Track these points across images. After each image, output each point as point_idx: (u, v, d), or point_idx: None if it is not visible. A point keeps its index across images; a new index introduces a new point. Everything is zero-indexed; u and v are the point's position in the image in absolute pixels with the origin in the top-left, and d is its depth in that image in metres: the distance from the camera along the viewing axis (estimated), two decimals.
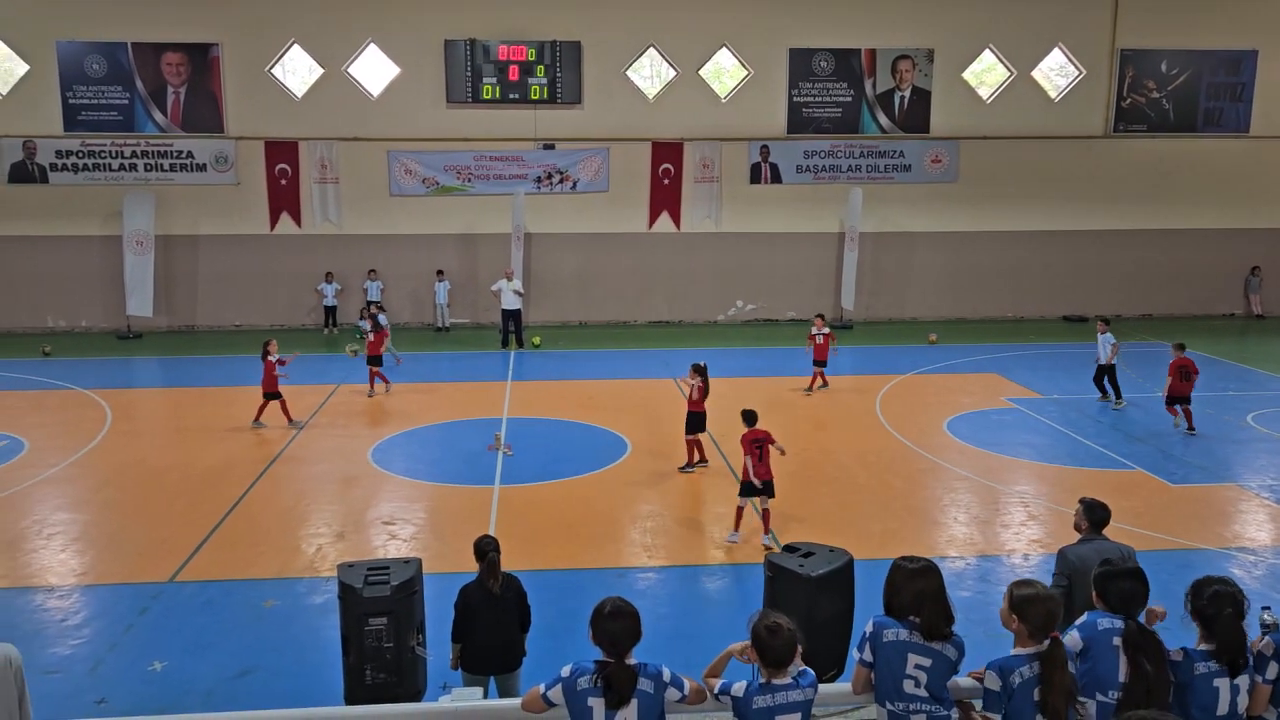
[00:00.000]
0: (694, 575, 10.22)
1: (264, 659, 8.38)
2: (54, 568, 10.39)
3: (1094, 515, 6.72)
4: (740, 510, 11.02)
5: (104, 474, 13.45)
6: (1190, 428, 15.05)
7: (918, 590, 4.65)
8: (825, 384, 18.07)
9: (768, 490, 10.77)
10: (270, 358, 15.46)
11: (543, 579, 9.59)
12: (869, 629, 4.71)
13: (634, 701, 4.35)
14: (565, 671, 4.44)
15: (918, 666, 4.56)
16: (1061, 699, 4.26)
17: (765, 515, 10.86)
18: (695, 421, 13.49)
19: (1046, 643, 4.37)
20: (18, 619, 9.12)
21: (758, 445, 10.76)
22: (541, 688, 4.47)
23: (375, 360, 17.61)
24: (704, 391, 13.42)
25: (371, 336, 17.83)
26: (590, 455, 14.12)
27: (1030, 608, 4.40)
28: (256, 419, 15.57)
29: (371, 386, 17.70)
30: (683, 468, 13.47)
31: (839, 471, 13.46)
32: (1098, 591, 4.61)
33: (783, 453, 11.08)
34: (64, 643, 8.67)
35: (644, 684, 4.39)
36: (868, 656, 4.67)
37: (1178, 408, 15.21)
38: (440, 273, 24.23)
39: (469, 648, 6.70)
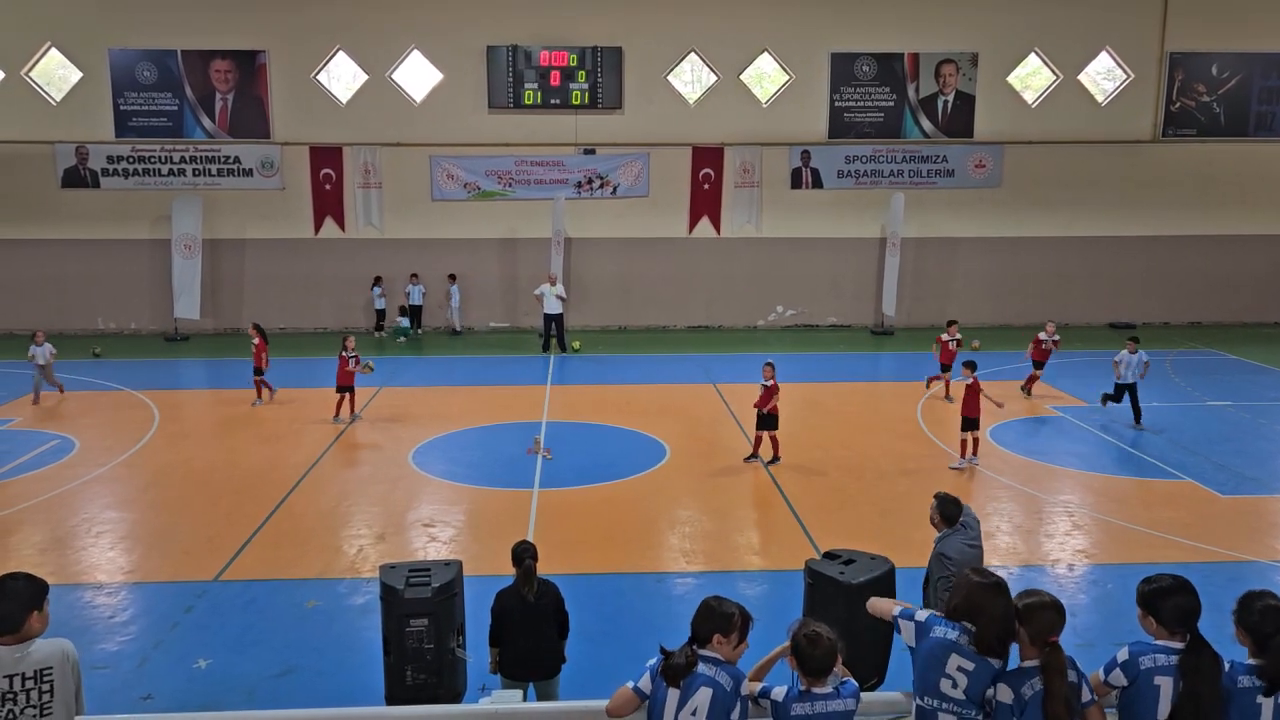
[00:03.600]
0: (732, 581, 10.17)
1: (306, 658, 8.47)
2: (102, 565, 10.59)
3: (948, 510, 7.15)
4: (964, 442, 13.75)
5: (151, 473, 13.68)
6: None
7: (976, 605, 4.57)
8: (946, 392, 17.83)
9: (972, 426, 13.70)
10: (345, 353, 16.04)
11: (581, 583, 9.61)
12: (921, 617, 4.66)
13: (708, 691, 4.35)
14: (651, 662, 4.52)
15: (959, 669, 4.51)
16: (1061, 706, 4.20)
17: (975, 443, 13.74)
18: (759, 419, 13.88)
19: (1046, 650, 4.33)
20: (67, 615, 9.29)
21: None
22: (630, 684, 4.52)
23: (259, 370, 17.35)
24: (767, 390, 13.70)
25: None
26: (629, 460, 14.13)
27: (1034, 615, 4.37)
28: (336, 415, 16.19)
29: (259, 394, 17.46)
30: (749, 459, 14.01)
31: (880, 478, 13.35)
32: (1150, 611, 4.47)
33: (999, 404, 14.21)
34: (111, 639, 8.83)
35: (721, 676, 4.39)
36: (912, 643, 4.65)
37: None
38: (452, 276, 24.43)
39: (506, 653, 6.73)
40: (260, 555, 10.79)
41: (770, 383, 13.72)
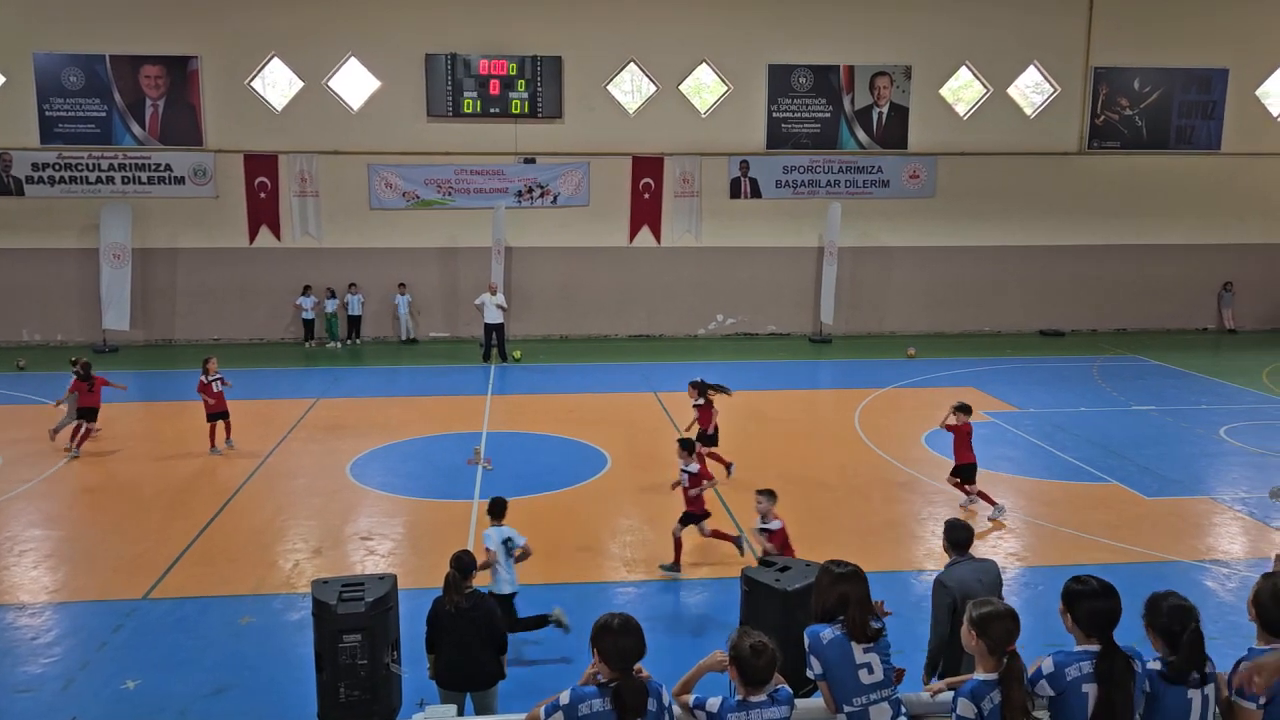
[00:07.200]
0: (673, 589, 10.23)
1: (239, 676, 8.31)
2: (26, 585, 10.27)
3: (956, 536, 6.69)
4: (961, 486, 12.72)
5: (78, 490, 13.32)
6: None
7: (842, 594, 4.73)
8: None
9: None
10: (206, 379, 14.75)
11: (522, 595, 9.56)
12: (806, 642, 4.71)
13: None
14: (564, 699, 4.26)
15: (866, 651, 4.64)
16: (1019, 715, 4.26)
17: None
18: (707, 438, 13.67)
19: (1005, 660, 4.35)
20: None
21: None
22: (541, 713, 4.28)
23: (87, 413, 14.98)
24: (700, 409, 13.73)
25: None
26: (570, 469, 14.10)
27: (990, 625, 4.40)
28: (212, 445, 14.97)
29: (74, 442, 14.89)
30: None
31: (817, 485, 13.50)
32: (1069, 609, 4.58)
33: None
34: (35, 661, 8.57)
35: (650, 703, 4.30)
36: (818, 669, 4.67)
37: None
38: (401, 286, 24.23)
39: (440, 661, 6.71)
40: (192, 572, 10.56)
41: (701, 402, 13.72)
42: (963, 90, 26.45)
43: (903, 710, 4.67)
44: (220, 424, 15.04)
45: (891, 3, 24.54)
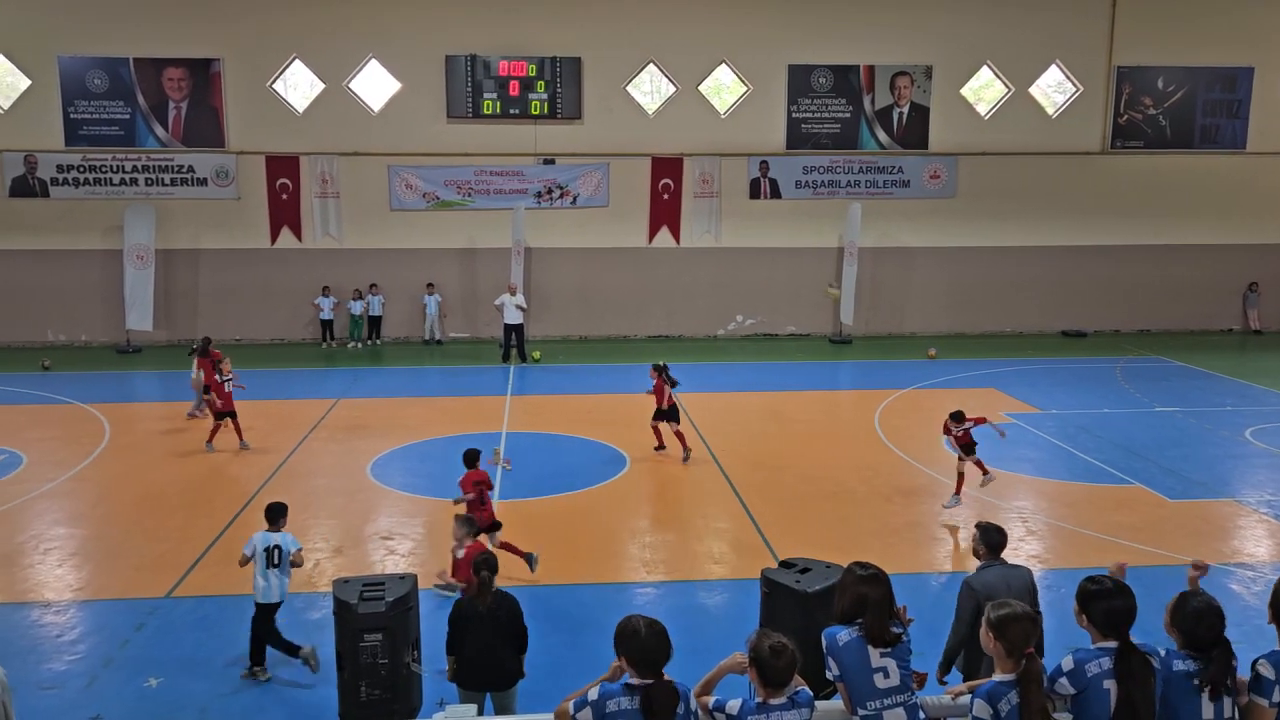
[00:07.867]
0: (692, 590, 10.21)
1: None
2: (50, 583, 10.38)
3: (990, 540, 6.62)
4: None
5: (102, 488, 13.43)
6: None
7: (861, 595, 4.72)
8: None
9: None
10: (220, 378, 15.01)
11: (541, 595, 9.60)
12: (824, 644, 4.70)
13: None
14: (593, 694, 4.32)
15: (883, 655, 4.61)
16: (1037, 717, 4.25)
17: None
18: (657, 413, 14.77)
19: (1024, 662, 4.35)
20: (13, 634, 9.10)
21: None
22: (570, 707, 4.36)
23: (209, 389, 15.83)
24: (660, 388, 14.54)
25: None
26: (589, 469, 14.11)
27: (1008, 627, 4.39)
28: (240, 442, 15.18)
29: (197, 409, 16.60)
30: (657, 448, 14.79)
31: (837, 486, 13.45)
32: (1084, 609, 4.57)
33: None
34: (59, 658, 8.65)
35: (679, 707, 4.33)
36: (835, 670, 4.67)
37: None
38: (430, 286, 24.30)
39: (461, 662, 6.72)
40: (214, 571, 10.63)
41: (654, 382, 14.59)
42: (984, 90, 26.29)
43: (920, 715, 4.64)
44: (229, 424, 15.18)
45: (912, 2, 24.43)
